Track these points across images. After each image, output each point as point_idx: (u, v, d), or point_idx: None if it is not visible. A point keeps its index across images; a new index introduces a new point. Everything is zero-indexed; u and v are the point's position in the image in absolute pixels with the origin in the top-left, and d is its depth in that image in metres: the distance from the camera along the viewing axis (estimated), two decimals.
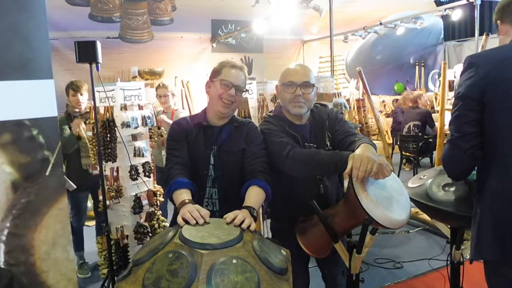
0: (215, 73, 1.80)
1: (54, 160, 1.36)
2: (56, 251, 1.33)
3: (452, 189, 1.73)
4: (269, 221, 2.13)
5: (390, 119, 7.21)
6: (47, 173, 1.35)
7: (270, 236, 2.00)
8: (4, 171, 1.29)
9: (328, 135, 1.90)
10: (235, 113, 1.96)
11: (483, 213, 1.44)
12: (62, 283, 1.32)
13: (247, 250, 1.18)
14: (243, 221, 1.37)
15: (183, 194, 1.55)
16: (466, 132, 1.43)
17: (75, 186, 2.64)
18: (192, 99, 6.52)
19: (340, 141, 1.85)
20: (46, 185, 1.34)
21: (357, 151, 1.57)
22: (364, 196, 1.50)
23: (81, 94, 3.23)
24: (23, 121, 1.33)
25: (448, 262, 2.01)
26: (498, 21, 1.51)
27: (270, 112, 2.08)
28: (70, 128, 3.21)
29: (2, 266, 1.26)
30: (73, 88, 3.22)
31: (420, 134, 5.75)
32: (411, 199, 1.74)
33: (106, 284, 2.67)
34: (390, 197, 1.59)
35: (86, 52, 2.42)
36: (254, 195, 1.62)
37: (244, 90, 1.82)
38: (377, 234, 1.65)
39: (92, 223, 3.87)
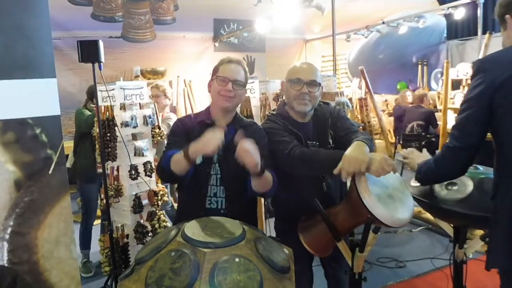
0: (214, 71, 1.80)
1: (57, 158, 1.36)
2: (59, 250, 1.34)
3: (455, 187, 1.73)
4: (271, 220, 2.13)
5: (393, 118, 7.19)
6: (50, 172, 1.35)
7: (273, 234, 2.00)
8: (7, 170, 1.30)
9: (330, 133, 1.90)
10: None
11: (504, 220, 1.38)
12: (65, 282, 1.33)
13: (249, 249, 1.18)
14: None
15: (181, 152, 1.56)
16: (469, 143, 1.41)
17: None
18: (194, 98, 6.53)
19: (341, 138, 1.85)
20: (49, 184, 1.34)
21: (348, 152, 1.58)
22: (367, 194, 1.49)
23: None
24: (26, 120, 1.33)
25: (451, 261, 2.01)
26: (507, 16, 1.44)
27: (273, 110, 2.08)
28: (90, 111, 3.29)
29: (6, 265, 1.26)
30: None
31: (423, 133, 5.73)
32: (414, 198, 1.73)
33: (109, 283, 2.68)
34: (393, 196, 1.59)
35: (88, 51, 2.43)
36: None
37: (243, 84, 1.77)
38: (379, 233, 1.65)
39: (97, 221, 3.87)
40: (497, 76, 1.33)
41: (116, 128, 2.68)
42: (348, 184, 1.64)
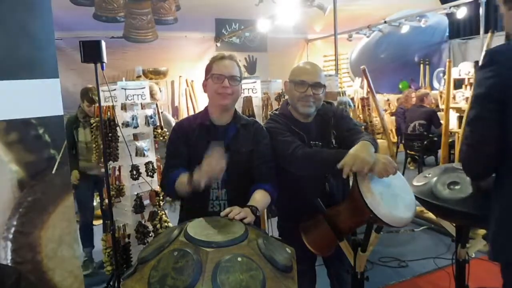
0: (208, 70, 1.75)
1: (60, 158, 1.36)
2: (62, 249, 1.34)
3: (458, 187, 1.72)
4: (273, 220, 2.13)
5: (394, 118, 7.18)
6: (53, 172, 1.35)
7: (276, 234, 2.00)
8: (11, 170, 1.30)
9: (333, 133, 1.90)
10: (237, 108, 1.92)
11: (503, 211, 1.35)
12: (69, 281, 1.33)
13: (252, 248, 1.18)
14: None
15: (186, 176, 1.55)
16: (488, 136, 1.31)
17: None
18: (196, 98, 6.54)
19: (345, 138, 1.85)
20: (52, 184, 1.35)
21: (353, 150, 1.58)
22: (369, 194, 1.50)
23: (91, 101, 3.26)
24: (29, 120, 1.34)
25: (453, 260, 2.01)
26: None
27: (276, 110, 2.08)
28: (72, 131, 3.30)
29: (10, 264, 1.27)
30: (87, 99, 3.26)
31: (425, 133, 5.72)
32: (416, 198, 1.73)
33: (111, 283, 2.68)
34: (395, 195, 1.59)
35: (90, 51, 2.44)
36: (259, 197, 1.63)
37: (238, 79, 1.73)
38: (382, 232, 1.65)
39: (99, 222, 3.89)
40: (509, 68, 1.25)
41: (117, 128, 2.69)
42: (351, 183, 1.64)
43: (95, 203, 3.97)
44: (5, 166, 1.31)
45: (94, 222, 3.73)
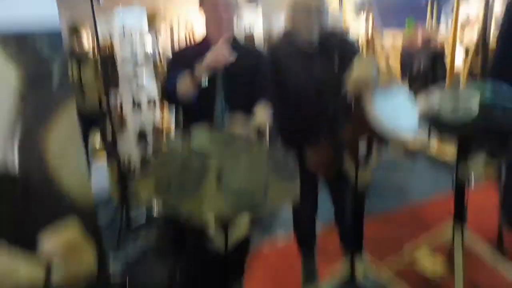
0: None
1: (61, 70, 1.35)
2: (68, 159, 1.36)
3: (462, 107, 1.71)
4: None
5: (399, 58, 7.03)
6: (53, 83, 1.34)
7: None
8: (10, 83, 1.29)
9: (336, 60, 1.87)
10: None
11: None
12: (76, 189, 1.37)
13: (256, 154, 1.20)
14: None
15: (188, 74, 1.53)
16: None
17: None
18: (196, 38, 6.38)
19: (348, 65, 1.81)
20: (54, 94, 1.34)
21: (354, 74, 1.56)
22: (371, 109, 1.49)
23: (80, 37, 3.14)
24: (27, 32, 1.30)
25: (453, 183, 2.01)
26: None
27: (279, 35, 2.03)
28: None
29: (17, 175, 1.30)
30: (71, 30, 3.14)
31: (431, 73, 5.65)
32: (420, 117, 1.72)
33: (119, 215, 2.74)
34: (398, 111, 1.59)
35: None
36: (260, 111, 1.62)
37: (233, 3, 1.66)
38: (382, 160, 1.65)
39: (103, 158, 3.91)
40: None
41: (117, 62, 2.67)
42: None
43: (97, 145, 3.96)
44: (4, 80, 1.29)
45: (98, 160, 3.77)
